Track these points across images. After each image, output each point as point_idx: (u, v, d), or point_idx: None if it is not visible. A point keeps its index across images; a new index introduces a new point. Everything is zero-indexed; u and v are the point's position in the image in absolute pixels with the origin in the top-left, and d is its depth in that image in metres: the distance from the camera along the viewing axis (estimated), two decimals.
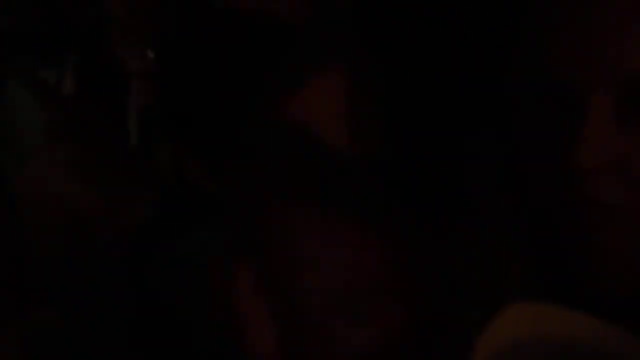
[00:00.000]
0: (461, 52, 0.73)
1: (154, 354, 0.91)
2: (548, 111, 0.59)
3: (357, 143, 0.69)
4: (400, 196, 0.70)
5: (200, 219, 0.94)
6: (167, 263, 0.91)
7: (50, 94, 1.48)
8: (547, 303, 0.56)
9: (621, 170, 0.55)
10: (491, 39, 0.72)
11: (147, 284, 0.91)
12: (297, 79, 0.73)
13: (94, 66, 1.33)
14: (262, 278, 0.72)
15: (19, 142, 2.55)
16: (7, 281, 1.03)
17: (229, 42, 0.90)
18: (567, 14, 0.57)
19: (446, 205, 0.71)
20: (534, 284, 0.66)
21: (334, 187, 0.69)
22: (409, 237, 0.69)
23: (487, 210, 0.70)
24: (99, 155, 1.17)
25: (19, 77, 2.67)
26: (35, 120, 1.82)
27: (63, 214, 0.97)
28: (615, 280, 0.57)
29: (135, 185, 1.02)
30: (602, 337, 0.54)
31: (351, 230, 0.68)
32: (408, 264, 0.69)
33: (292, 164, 0.72)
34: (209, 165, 0.93)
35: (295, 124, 0.73)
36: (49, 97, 1.48)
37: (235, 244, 0.84)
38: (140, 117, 1.26)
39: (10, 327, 0.95)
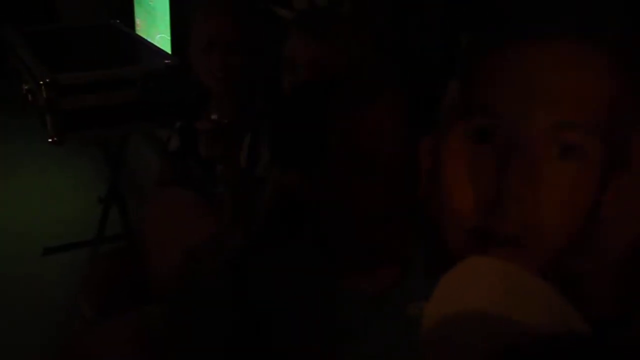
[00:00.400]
0: None
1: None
2: None
3: None
4: None
5: (296, 233, 0.99)
6: (264, 274, 0.97)
7: (162, 148, 1.76)
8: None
9: None
10: None
11: (247, 294, 0.95)
12: None
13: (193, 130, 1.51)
14: None
15: (139, 188, 2.92)
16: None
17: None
18: None
19: None
20: None
21: None
22: None
23: None
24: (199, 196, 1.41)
25: (142, 135, 3.08)
26: (150, 169, 2.14)
27: (179, 249, 1.10)
28: None
29: (232, 219, 1.16)
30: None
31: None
32: None
33: None
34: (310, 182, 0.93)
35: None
36: (161, 151, 1.75)
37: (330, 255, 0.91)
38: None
39: (127, 316, 1.10)
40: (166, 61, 2.34)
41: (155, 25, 2.82)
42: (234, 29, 1.56)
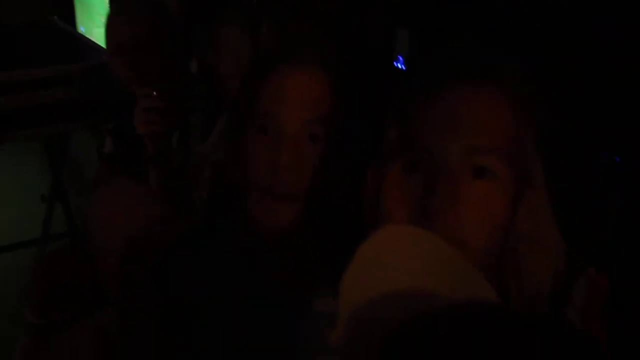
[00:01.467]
0: None
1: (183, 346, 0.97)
2: None
3: None
4: None
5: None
6: (188, 270, 1.01)
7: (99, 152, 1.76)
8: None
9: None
10: None
11: (169, 290, 1.00)
12: None
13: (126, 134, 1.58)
14: None
15: (86, 184, 2.89)
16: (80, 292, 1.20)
17: None
18: None
19: None
20: None
21: None
22: None
23: None
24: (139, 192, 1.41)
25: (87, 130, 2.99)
26: (95, 165, 2.14)
27: (122, 238, 1.11)
28: None
29: (172, 212, 1.17)
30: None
31: None
32: None
33: None
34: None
35: None
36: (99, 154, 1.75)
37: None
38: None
39: (82, 327, 1.09)
40: (105, 57, 2.32)
41: (94, 21, 2.79)
42: (140, 31, 1.59)
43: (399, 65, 1.74)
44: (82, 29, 2.94)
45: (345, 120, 0.95)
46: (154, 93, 1.46)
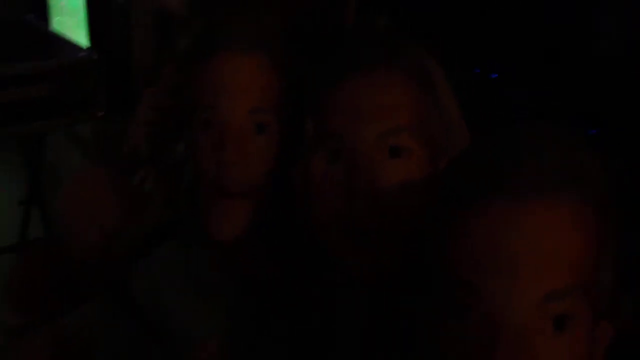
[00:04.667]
0: None
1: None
2: None
3: None
4: None
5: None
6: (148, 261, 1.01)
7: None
8: None
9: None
10: None
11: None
12: None
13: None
14: None
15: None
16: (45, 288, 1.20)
17: None
18: None
19: None
20: None
21: None
22: None
23: None
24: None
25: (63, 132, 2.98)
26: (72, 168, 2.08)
27: (94, 230, 1.10)
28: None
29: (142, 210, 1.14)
30: None
31: None
32: None
33: None
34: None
35: None
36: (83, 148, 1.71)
37: None
38: None
39: (44, 329, 1.07)
40: (81, 54, 2.26)
41: (71, 18, 2.74)
42: None
43: None
44: (56, 26, 2.89)
45: (296, 107, 0.86)
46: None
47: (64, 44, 2.49)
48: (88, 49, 2.43)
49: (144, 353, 0.97)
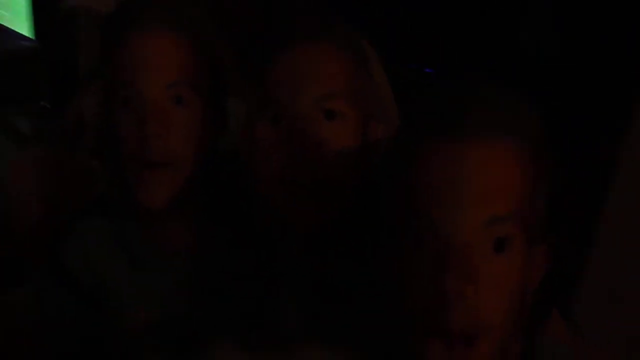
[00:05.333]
0: None
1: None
2: None
3: None
4: None
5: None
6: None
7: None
8: None
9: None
10: None
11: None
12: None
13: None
14: None
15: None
16: None
17: None
18: None
19: None
20: None
21: None
22: None
23: None
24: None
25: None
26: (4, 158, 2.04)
27: (37, 204, 1.17)
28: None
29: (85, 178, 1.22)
30: None
31: None
32: None
33: None
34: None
35: None
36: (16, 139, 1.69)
37: None
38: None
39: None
40: (23, 43, 2.23)
41: (12, 8, 2.68)
42: None
43: None
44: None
45: (216, 82, 0.94)
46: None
47: (5, 33, 2.45)
48: (31, 39, 2.39)
49: (81, 323, 1.00)
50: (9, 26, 2.59)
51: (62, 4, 1.73)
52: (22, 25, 2.59)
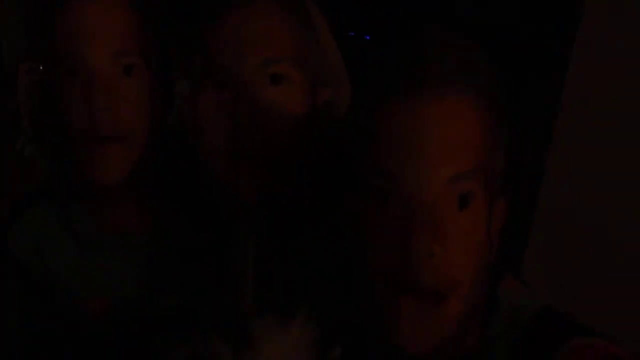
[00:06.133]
0: None
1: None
2: None
3: None
4: None
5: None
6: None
7: None
8: None
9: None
10: None
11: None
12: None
13: None
14: None
15: None
16: None
17: None
18: None
19: None
20: None
21: None
22: None
23: None
24: None
25: None
26: None
27: None
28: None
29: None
30: None
31: None
32: None
33: None
34: None
35: None
36: None
37: None
38: None
39: None
40: None
41: None
42: None
43: None
44: None
45: (162, 48, 0.89)
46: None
47: None
48: None
49: (30, 311, 0.94)
50: None
51: None
52: None
